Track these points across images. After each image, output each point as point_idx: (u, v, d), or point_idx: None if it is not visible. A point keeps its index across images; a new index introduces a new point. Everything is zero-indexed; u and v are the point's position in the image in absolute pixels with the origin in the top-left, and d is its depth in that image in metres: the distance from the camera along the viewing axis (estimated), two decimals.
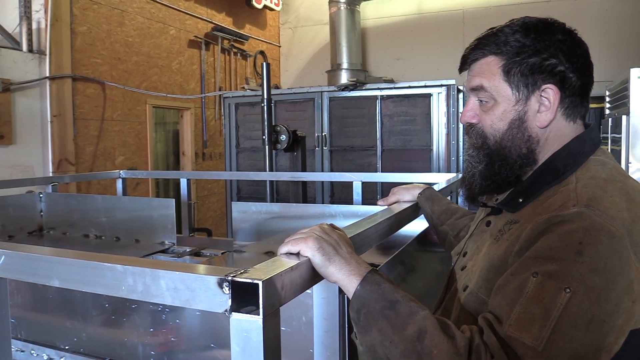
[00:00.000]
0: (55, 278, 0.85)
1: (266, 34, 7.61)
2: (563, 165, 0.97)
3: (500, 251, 0.96)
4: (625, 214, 0.86)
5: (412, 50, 7.11)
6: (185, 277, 0.72)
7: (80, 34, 4.65)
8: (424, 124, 4.62)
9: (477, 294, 0.99)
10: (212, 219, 6.39)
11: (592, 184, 0.91)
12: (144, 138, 5.40)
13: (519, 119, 1.00)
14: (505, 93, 1.00)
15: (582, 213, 0.85)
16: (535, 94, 0.99)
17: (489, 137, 1.04)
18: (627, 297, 0.82)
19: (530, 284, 0.82)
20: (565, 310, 0.79)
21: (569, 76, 0.98)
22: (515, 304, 0.83)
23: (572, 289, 0.79)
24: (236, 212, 2.56)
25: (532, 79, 0.98)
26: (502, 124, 1.01)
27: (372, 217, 1.27)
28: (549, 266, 0.82)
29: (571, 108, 1.00)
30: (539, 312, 0.80)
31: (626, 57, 5.80)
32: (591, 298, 0.79)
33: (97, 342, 1.44)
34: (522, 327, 0.80)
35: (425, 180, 2.50)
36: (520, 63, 0.98)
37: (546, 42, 0.98)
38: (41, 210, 2.99)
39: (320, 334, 1.00)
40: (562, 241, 0.83)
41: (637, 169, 4.11)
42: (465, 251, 1.16)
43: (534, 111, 1.00)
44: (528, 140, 1.01)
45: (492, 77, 1.01)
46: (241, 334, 0.68)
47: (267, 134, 3.67)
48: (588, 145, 1.00)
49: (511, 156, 1.02)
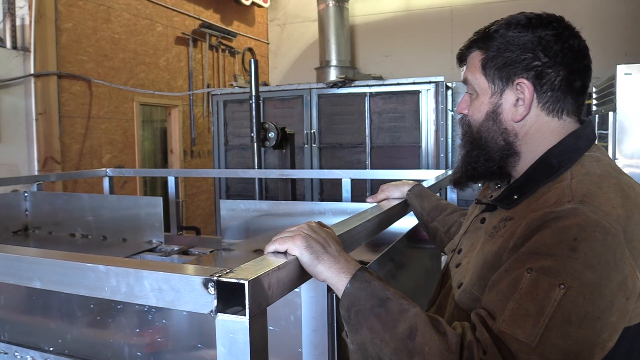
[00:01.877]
0: (36, 279, 0.83)
1: (254, 30, 7.57)
2: (558, 162, 0.97)
3: (494, 248, 0.95)
4: (619, 210, 0.85)
5: (401, 47, 7.11)
6: (170, 278, 0.71)
7: (65, 31, 4.59)
8: (413, 121, 4.63)
9: (470, 291, 0.99)
10: (201, 217, 6.36)
11: (587, 180, 0.91)
12: (131, 136, 5.35)
13: (493, 111, 1.04)
14: (483, 86, 1.04)
15: (577, 209, 0.85)
16: (509, 87, 1.01)
17: (472, 127, 1.08)
18: (621, 293, 0.81)
19: (525, 280, 0.82)
20: (560, 306, 0.78)
21: (547, 71, 0.98)
22: (509, 299, 0.82)
23: (567, 285, 0.79)
24: (224, 210, 2.54)
25: (506, 73, 1.01)
26: (479, 115, 1.06)
27: (361, 214, 1.26)
28: (543, 262, 0.82)
29: (552, 103, 1.00)
30: (533, 308, 0.79)
31: (612, 53, 5.85)
32: (585, 294, 0.79)
33: (82, 343, 1.41)
34: (515, 323, 0.79)
35: (414, 177, 2.50)
36: (496, 57, 1.01)
37: (525, 37, 0.99)
38: (26, 209, 2.95)
39: (309, 333, 0.99)
40: (557, 237, 0.83)
41: (625, 165, 4.15)
42: (460, 248, 1.16)
43: (510, 105, 1.02)
44: (504, 132, 1.03)
45: (474, 71, 1.05)
46: (227, 335, 0.67)
47: (256, 131, 3.65)
48: (583, 142, 0.99)
49: (488, 146, 1.05)
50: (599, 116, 4.68)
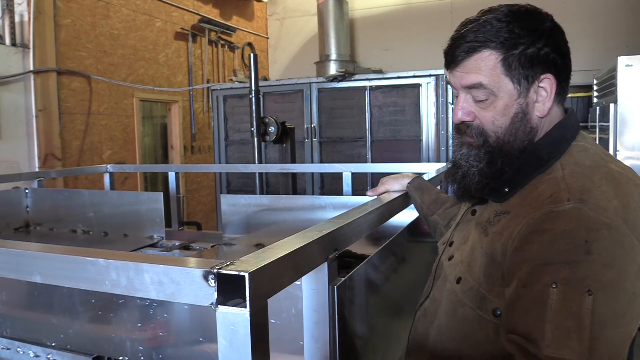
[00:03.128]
0: (37, 274, 0.83)
1: (254, 25, 7.55)
2: (547, 154, 0.97)
3: (498, 245, 0.94)
4: (615, 202, 0.85)
5: (401, 41, 7.08)
6: (170, 270, 0.70)
7: (64, 27, 4.57)
8: (413, 114, 4.62)
9: (478, 289, 0.98)
10: (202, 213, 6.36)
11: (579, 173, 0.91)
12: (132, 132, 5.34)
13: (521, 111, 0.98)
14: (507, 88, 0.97)
15: (579, 209, 0.84)
16: (534, 85, 0.97)
17: (489, 134, 1.00)
18: (639, 282, 0.82)
19: (552, 296, 0.80)
20: (594, 313, 0.78)
21: (559, 63, 0.98)
22: (544, 321, 0.80)
23: (593, 290, 0.78)
24: (225, 205, 2.54)
25: (532, 71, 0.96)
26: (504, 120, 0.98)
27: (361, 207, 1.25)
28: (564, 272, 0.80)
29: (561, 93, 1.01)
30: (572, 324, 0.78)
31: (614, 45, 5.82)
32: (611, 294, 0.79)
33: (84, 338, 1.42)
34: (561, 345, 0.78)
35: (415, 170, 2.50)
36: (519, 56, 0.95)
37: (538, 30, 0.96)
38: (27, 206, 2.95)
39: (310, 325, 0.99)
40: (568, 243, 0.82)
41: (625, 157, 4.14)
42: (451, 241, 1.16)
43: (533, 102, 0.98)
44: (530, 132, 0.99)
45: (492, 73, 0.97)
46: (228, 327, 0.67)
47: (256, 125, 3.64)
48: (570, 132, 1.00)
49: (513, 151, 0.99)
50: (600, 108, 4.67)
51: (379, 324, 1.44)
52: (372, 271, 1.39)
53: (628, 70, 4.09)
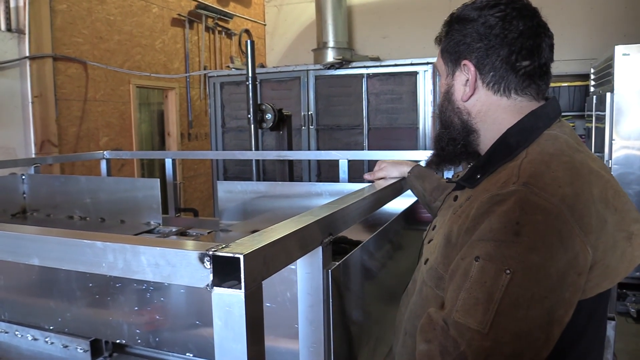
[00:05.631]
0: (34, 256, 0.84)
1: (251, 12, 7.50)
2: (516, 141, 0.99)
3: (455, 227, 0.97)
4: (567, 188, 0.86)
5: (399, 29, 7.05)
6: (166, 253, 0.72)
7: (60, 12, 4.54)
8: (411, 102, 4.62)
9: (436, 269, 1.01)
10: (199, 200, 6.36)
11: (538, 160, 0.93)
12: (128, 119, 5.33)
13: (447, 92, 1.11)
14: (441, 68, 1.13)
15: (518, 191, 0.86)
16: (459, 69, 1.07)
17: (438, 107, 1.18)
18: (572, 270, 0.83)
19: (474, 268, 0.84)
20: (507, 291, 0.80)
21: (488, 52, 1.02)
22: (461, 289, 0.84)
23: (512, 270, 0.80)
24: (222, 192, 2.55)
25: (455, 55, 1.07)
26: (440, 96, 1.15)
27: (357, 192, 1.26)
28: (488, 248, 0.84)
29: (497, 83, 1.03)
30: (482, 296, 0.81)
31: (611, 34, 5.81)
32: (530, 277, 0.80)
33: (81, 321, 1.43)
34: (467, 313, 0.82)
35: (412, 158, 2.50)
36: (449, 41, 1.08)
37: (472, 20, 1.04)
38: (24, 192, 2.95)
39: (305, 309, 1.00)
40: (501, 222, 0.84)
41: (621, 147, 4.16)
42: (434, 225, 1.18)
43: (461, 85, 1.07)
44: (457, 111, 1.09)
45: (438, 56, 1.14)
46: (223, 308, 0.68)
47: (253, 112, 3.64)
48: (542, 120, 1.01)
49: (450, 126, 1.11)
50: (597, 97, 4.67)
51: (374, 308, 1.45)
52: (367, 257, 1.40)
53: (625, 60, 4.10)
